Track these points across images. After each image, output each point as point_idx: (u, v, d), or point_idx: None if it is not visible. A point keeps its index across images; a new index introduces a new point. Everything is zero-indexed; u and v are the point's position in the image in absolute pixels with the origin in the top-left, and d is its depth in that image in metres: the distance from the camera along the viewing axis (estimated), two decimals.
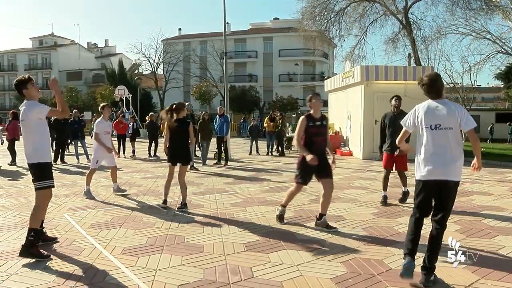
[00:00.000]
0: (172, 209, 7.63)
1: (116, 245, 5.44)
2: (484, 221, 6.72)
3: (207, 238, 5.79)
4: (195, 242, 5.59)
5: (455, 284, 4.22)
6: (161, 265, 4.74)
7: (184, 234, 5.97)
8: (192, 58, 58.62)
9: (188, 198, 8.57)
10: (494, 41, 32.89)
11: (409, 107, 14.82)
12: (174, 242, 5.59)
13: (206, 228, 6.30)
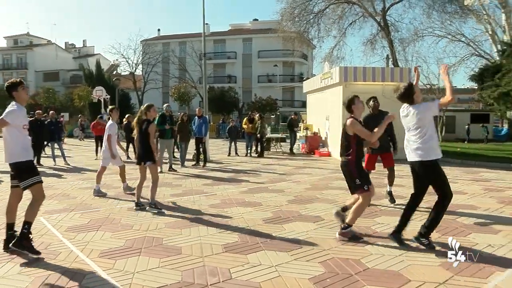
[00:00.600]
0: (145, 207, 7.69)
1: (93, 248, 5.38)
2: (458, 220, 6.84)
3: (185, 240, 5.77)
4: (173, 244, 5.56)
5: (430, 282, 4.28)
6: (138, 268, 4.71)
7: (162, 236, 5.94)
8: (171, 59, 58.27)
9: (166, 199, 8.58)
10: (468, 44, 33.55)
11: (387, 108, 15.05)
12: (152, 244, 5.55)
13: (184, 230, 6.27)
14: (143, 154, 7.84)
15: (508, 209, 7.76)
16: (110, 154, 9.33)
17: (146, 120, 7.81)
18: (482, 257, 4.96)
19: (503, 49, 23.07)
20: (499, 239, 5.76)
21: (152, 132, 7.81)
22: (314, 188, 9.95)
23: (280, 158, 17.74)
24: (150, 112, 7.92)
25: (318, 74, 22.09)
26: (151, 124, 7.85)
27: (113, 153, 9.33)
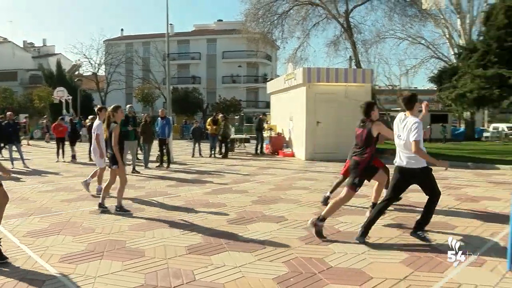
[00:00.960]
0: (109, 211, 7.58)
1: (53, 253, 5.24)
2: (418, 217, 6.98)
3: (148, 242, 5.70)
4: (136, 247, 5.49)
5: (391, 278, 4.38)
6: (100, 272, 4.62)
7: (125, 239, 5.85)
8: (135, 60, 57.56)
9: (130, 201, 8.45)
10: (427, 46, 34.50)
11: (349, 109, 15.24)
12: (115, 248, 5.46)
13: (147, 232, 6.20)
14: (111, 157, 7.68)
15: (464, 205, 8.00)
16: (99, 154, 9.04)
17: (114, 122, 7.64)
18: (441, 252, 5.11)
19: (459, 52, 23.77)
20: (456, 235, 5.92)
21: (115, 135, 7.57)
22: (278, 189, 10.00)
23: (244, 159, 17.76)
24: (118, 113, 7.75)
25: (282, 75, 22.24)
26: (115, 126, 7.65)
27: (102, 152, 8.94)
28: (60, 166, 15.29)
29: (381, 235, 5.92)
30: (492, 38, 18.35)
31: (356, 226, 6.37)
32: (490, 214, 7.28)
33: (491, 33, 18.71)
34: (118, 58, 56.93)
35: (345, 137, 16.52)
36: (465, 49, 21.70)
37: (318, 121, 16.60)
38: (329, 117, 16.59)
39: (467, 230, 6.18)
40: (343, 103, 16.64)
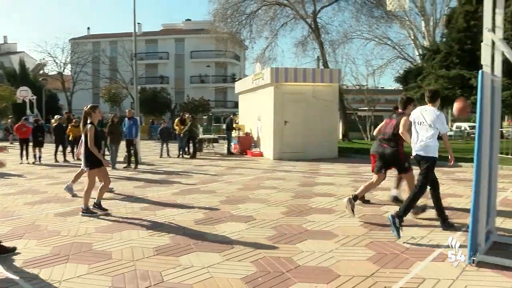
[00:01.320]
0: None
1: (16, 258, 5.09)
2: (385, 215, 7.11)
3: (115, 244, 5.61)
4: (103, 249, 5.40)
5: (359, 275, 4.43)
6: (66, 276, 4.51)
7: (91, 241, 5.74)
8: (102, 59, 56.59)
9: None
10: (393, 47, 35.20)
11: (317, 108, 15.38)
12: (81, 250, 5.35)
13: (115, 234, 6.10)
14: (85, 158, 7.54)
15: (429, 202, 8.15)
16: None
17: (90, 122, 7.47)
18: (406, 249, 5.22)
19: (424, 53, 24.33)
20: (420, 231, 6.08)
21: (90, 135, 7.37)
22: (246, 188, 10.00)
23: (212, 159, 17.70)
24: (96, 113, 7.58)
25: (250, 75, 22.27)
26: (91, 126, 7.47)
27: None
28: (23, 168, 14.90)
29: (348, 233, 6.00)
30: (453, 40, 18.86)
31: (324, 225, 6.45)
32: (452, 210, 7.46)
33: (452, 35, 19.24)
34: (85, 57, 55.85)
35: (313, 137, 16.79)
36: (429, 50, 22.23)
37: (286, 120, 16.69)
38: (297, 117, 16.71)
39: (431, 227, 6.32)
40: (311, 103, 16.79)
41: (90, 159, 7.40)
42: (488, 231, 5.17)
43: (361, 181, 10.99)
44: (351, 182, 10.94)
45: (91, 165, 7.43)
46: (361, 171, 13.16)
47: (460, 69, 17.37)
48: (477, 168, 4.72)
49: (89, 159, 7.42)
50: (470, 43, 17.71)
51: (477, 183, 4.73)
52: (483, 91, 4.72)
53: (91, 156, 7.40)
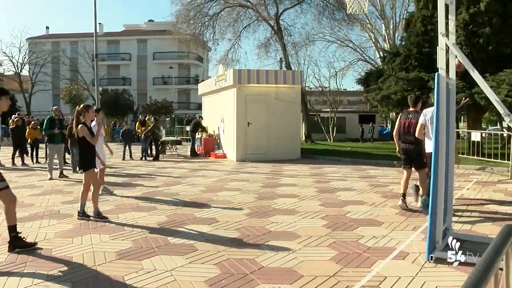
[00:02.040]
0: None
1: None
2: (347, 215, 7.24)
3: (76, 249, 5.49)
4: (63, 254, 5.26)
5: (322, 275, 4.48)
6: (22, 285, 4.36)
7: (51, 247, 5.58)
8: (62, 60, 55.29)
9: (56, 207, 8.13)
10: (355, 49, 35.94)
11: (280, 109, 15.51)
12: (40, 257, 5.21)
13: (75, 238, 5.97)
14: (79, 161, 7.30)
15: (390, 202, 8.36)
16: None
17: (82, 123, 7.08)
18: (368, 248, 5.32)
19: (384, 56, 24.83)
20: (381, 230, 6.20)
21: (87, 134, 7.01)
22: (210, 190, 9.97)
23: (175, 161, 17.56)
24: (89, 113, 7.24)
25: (213, 77, 22.23)
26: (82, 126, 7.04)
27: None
28: None
29: (311, 233, 6.06)
30: (412, 44, 19.34)
31: (287, 226, 6.50)
32: (413, 210, 7.64)
33: (411, 39, 19.72)
34: (44, 57, 54.45)
35: (276, 138, 16.89)
36: (389, 53, 22.68)
37: (249, 122, 16.73)
38: (260, 118, 16.78)
39: (392, 226, 6.46)
40: (274, 104, 16.89)
41: (84, 160, 7.14)
42: (446, 228, 5.33)
43: (323, 181, 11.14)
44: (314, 183, 11.05)
45: (86, 167, 7.13)
46: (324, 172, 13.31)
47: (418, 72, 17.81)
48: (434, 168, 4.87)
49: (83, 161, 7.15)
50: (428, 46, 18.19)
51: (435, 182, 4.87)
52: (439, 93, 4.87)
53: (84, 158, 7.14)
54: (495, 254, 1.70)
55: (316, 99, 42.77)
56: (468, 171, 13.25)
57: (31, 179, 12.44)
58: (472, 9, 16.36)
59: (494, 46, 16.23)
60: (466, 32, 16.55)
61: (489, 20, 16.20)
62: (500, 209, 7.67)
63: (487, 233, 5.87)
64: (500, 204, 8.13)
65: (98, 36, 19.18)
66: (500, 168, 12.90)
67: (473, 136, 15.78)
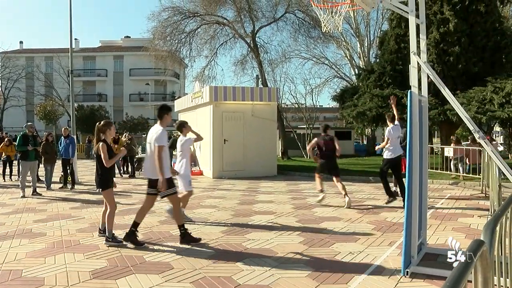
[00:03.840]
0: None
1: None
2: (324, 232, 7.27)
3: (49, 269, 5.36)
4: (34, 275, 5.13)
5: None
6: None
7: (21, 267, 5.44)
8: (36, 75, 54.54)
9: (29, 226, 7.96)
10: (331, 66, 36.45)
11: (256, 126, 15.61)
12: (8, 279, 5.04)
13: (48, 258, 5.84)
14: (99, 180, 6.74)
15: (366, 218, 8.43)
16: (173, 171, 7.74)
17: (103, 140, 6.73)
18: (344, 265, 5.35)
19: (359, 73, 25.21)
20: (357, 246, 6.24)
21: (104, 153, 6.55)
22: (186, 208, 9.87)
23: None
24: (111, 130, 6.86)
25: (190, 93, 22.21)
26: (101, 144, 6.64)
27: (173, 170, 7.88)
28: None
29: (287, 250, 6.07)
30: (386, 61, 19.71)
31: (264, 243, 6.50)
32: (388, 225, 7.72)
33: (385, 56, 20.10)
34: (17, 72, 53.60)
35: (252, 155, 16.92)
36: (364, 70, 23.07)
37: (225, 139, 16.73)
38: (236, 135, 16.80)
39: (368, 241, 6.51)
40: (250, 121, 16.95)
41: (103, 179, 6.68)
42: (421, 243, 5.40)
43: (299, 198, 11.18)
44: (290, 199, 11.08)
45: (104, 186, 6.68)
46: (300, 188, 13.36)
47: (393, 89, 18.13)
48: (408, 183, 4.94)
49: (102, 180, 6.68)
50: (401, 64, 18.58)
51: (409, 198, 4.95)
52: (412, 110, 4.98)
53: (103, 176, 6.68)
54: (464, 268, 1.75)
55: (293, 116, 43.10)
56: (441, 186, 13.48)
57: (2, 196, 12.17)
58: (442, 29, 16.84)
59: (464, 64, 16.72)
60: (437, 51, 16.99)
61: (458, 39, 16.71)
62: (473, 222, 7.81)
63: (460, 247, 5.95)
64: (473, 218, 8.28)
65: (74, 51, 19.00)
66: (472, 183, 13.17)
67: (446, 151, 16.09)
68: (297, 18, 28.43)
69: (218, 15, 28.29)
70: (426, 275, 4.82)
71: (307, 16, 27.48)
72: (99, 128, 6.85)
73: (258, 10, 28.74)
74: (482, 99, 15.03)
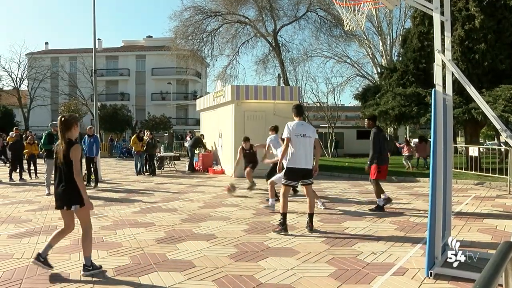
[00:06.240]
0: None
1: None
2: (346, 231, 7.22)
3: (74, 265, 5.45)
4: (60, 271, 5.22)
5: None
6: None
7: None
8: (61, 75, 55.47)
9: (54, 223, 8.08)
10: (353, 65, 36.17)
11: (278, 125, 15.51)
12: (36, 274, 5.16)
13: (73, 254, 5.92)
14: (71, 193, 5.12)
15: (388, 218, 8.35)
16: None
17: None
18: (367, 264, 5.30)
19: (381, 71, 24.98)
20: (380, 246, 6.18)
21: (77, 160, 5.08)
22: (208, 206, 9.94)
23: (174, 177, 17.53)
24: (77, 127, 5.36)
25: (211, 92, 22.28)
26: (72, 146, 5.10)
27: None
28: None
29: (309, 249, 6.04)
30: (409, 60, 19.48)
31: (285, 242, 6.49)
32: (412, 225, 7.63)
33: (408, 55, 19.86)
34: (43, 72, 54.57)
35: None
36: (387, 68, 22.82)
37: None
38: (258, 134, 16.73)
39: (391, 241, 6.44)
40: (272, 120, 16.89)
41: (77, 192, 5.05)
42: (445, 244, 5.31)
43: (321, 197, 11.10)
44: None
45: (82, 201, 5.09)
46: (322, 187, 13.29)
47: (416, 87, 17.93)
48: (432, 183, 4.87)
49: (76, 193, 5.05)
50: (425, 62, 18.34)
51: (433, 198, 4.87)
52: (436, 109, 4.90)
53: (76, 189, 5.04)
54: (494, 271, 1.70)
55: (314, 115, 42.89)
56: (466, 186, 13.26)
57: (29, 194, 12.40)
58: (467, 26, 16.53)
59: (490, 61, 16.36)
60: (462, 48, 16.69)
61: (484, 36, 16.36)
62: (499, 224, 7.66)
63: (486, 249, 5.85)
64: (499, 219, 8.12)
65: (97, 51, 19.26)
66: (498, 183, 12.93)
67: (471, 151, 15.83)
68: (319, 17, 28.36)
69: (240, 14, 28.37)
70: (451, 276, 4.74)
71: (329, 14, 27.38)
72: (65, 123, 5.19)
73: (280, 9, 28.75)
74: (509, 97, 14.71)
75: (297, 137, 7.15)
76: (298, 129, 7.23)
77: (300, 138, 7.16)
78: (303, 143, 7.19)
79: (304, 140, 7.21)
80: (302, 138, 7.17)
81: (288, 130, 7.19)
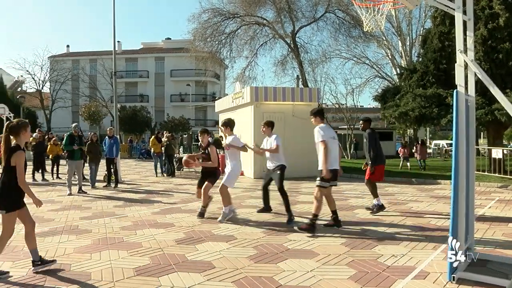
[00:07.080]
0: None
1: None
2: (366, 233, 7.16)
3: (95, 264, 5.51)
4: (81, 270, 5.29)
5: None
6: None
7: (69, 262, 5.63)
8: (81, 77, 56.26)
9: (75, 223, 8.18)
10: (372, 66, 35.90)
11: (297, 126, 15.55)
12: (58, 272, 5.24)
13: (94, 254, 6.00)
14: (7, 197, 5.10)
15: (409, 220, 8.25)
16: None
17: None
18: (387, 268, 5.24)
19: (401, 72, 24.73)
20: (401, 249, 6.10)
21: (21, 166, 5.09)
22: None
23: (193, 178, 17.58)
24: (27, 132, 5.28)
25: (230, 94, 22.32)
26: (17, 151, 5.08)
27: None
28: None
29: (329, 251, 6.00)
30: (429, 60, 19.25)
31: (305, 244, 6.46)
32: (433, 228, 7.53)
33: (428, 55, 19.62)
34: (64, 75, 55.36)
35: (293, 156, 16.70)
36: (406, 69, 22.60)
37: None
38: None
39: (412, 244, 6.36)
40: (291, 121, 16.88)
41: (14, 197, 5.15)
42: (467, 248, 5.23)
43: (341, 199, 11.04)
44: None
45: (12, 207, 5.14)
46: (342, 189, 13.19)
47: (436, 88, 17.72)
48: (454, 186, 4.79)
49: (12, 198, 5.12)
50: (445, 62, 18.11)
51: (455, 200, 4.80)
52: (458, 110, 4.82)
53: (16, 193, 5.14)
54: None
55: (333, 116, 42.69)
56: (489, 188, 13.05)
57: (51, 194, 12.58)
58: (490, 25, 16.21)
59: None
60: (485, 48, 16.39)
61: (509, 35, 16.01)
62: None
63: (511, 254, 5.75)
64: None
65: (116, 54, 19.46)
66: None
67: (494, 153, 15.58)
68: (337, 18, 28.22)
69: (258, 16, 28.39)
70: (474, 281, 4.64)
71: (348, 15, 27.23)
72: (12, 129, 5.11)
73: (298, 10, 28.69)
74: None
75: (330, 140, 7.31)
76: (330, 132, 7.45)
77: (333, 141, 7.40)
78: (335, 145, 7.46)
79: (335, 142, 7.48)
80: (334, 140, 7.42)
81: (322, 133, 7.27)
